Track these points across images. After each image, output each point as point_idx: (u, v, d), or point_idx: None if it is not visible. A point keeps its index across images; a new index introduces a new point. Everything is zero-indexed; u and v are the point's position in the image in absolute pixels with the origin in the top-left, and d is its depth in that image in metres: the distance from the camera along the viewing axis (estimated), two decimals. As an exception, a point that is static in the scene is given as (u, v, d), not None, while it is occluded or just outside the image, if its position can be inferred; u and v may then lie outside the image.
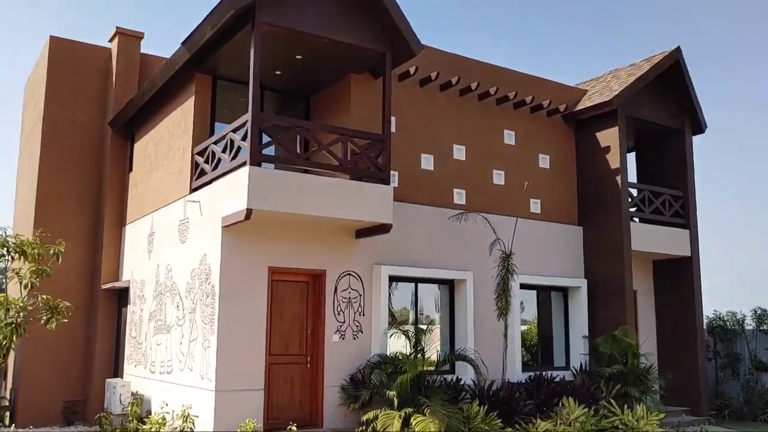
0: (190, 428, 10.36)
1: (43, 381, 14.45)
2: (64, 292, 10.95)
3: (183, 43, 11.56)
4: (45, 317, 8.61)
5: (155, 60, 16.15)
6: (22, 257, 8.64)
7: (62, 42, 15.85)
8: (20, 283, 8.60)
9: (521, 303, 14.56)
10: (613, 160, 14.97)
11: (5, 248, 8.55)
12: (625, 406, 12.83)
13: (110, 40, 16.30)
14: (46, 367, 14.52)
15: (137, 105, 14.20)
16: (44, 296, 8.64)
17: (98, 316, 14.98)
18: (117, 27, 15.93)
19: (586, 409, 12.37)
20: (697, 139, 16.62)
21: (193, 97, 12.25)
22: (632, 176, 16.56)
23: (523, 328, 14.89)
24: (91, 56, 16.06)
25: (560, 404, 12.50)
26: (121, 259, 15.36)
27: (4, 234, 8.62)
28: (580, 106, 15.54)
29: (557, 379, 13.34)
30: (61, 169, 15.36)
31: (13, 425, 9.38)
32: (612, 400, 12.97)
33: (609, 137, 15.12)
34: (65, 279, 14.00)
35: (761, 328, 17.22)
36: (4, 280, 28.70)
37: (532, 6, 40.45)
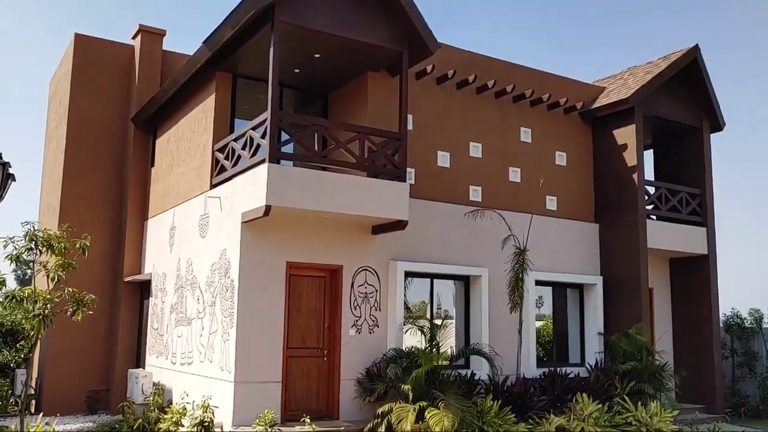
0: (210, 418, 10.62)
1: (67, 371, 14.87)
2: (87, 284, 11.25)
3: (204, 42, 11.80)
4: (71, 309, 8.89)
5: (177, 57, 16.46)
6: (49, 251, 8.91)
7: (86, 39, 16.21)
8: (47, 276, 8.88)
9: (540, 298, 14.71)
10: (630, 158, 15.01)
11: (33, 242, 8.83)
12: (639, 403, 12.90)
13: (133, 38, 16.62)
14: (70, 357, 14.93)
15: (159, 102, 14.49)
16: (71, 289, 8.92)
17: (121, 308, 15.35)
18: (140, 25, 16.25)
19: (600, 405, 12.47)
20: (715, 137, 16.61)
21: (214, 95, 12.49)
22: (649, 174, 16.59)
23: (539, 324, 15.01)
24: (115, 53, 16.41)
25: (574, 400, 12.60)
26: (143, 253, 15.70)
27: (33, 228, 8.90)
28: (597, 104, 15.58)
29: (571, 376, 13.45)
30: (85, 164, 15.74)
31: (41, 414, 9.69)
32: (626, 397, 13.06)
33: (626, 135, 15.15)
34: (89, 271, 14.31)
35: (778, 326, 17.19)
36: (30, 272, 29.29)
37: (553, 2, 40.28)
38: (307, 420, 10.16)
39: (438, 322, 12.86)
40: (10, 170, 8.37)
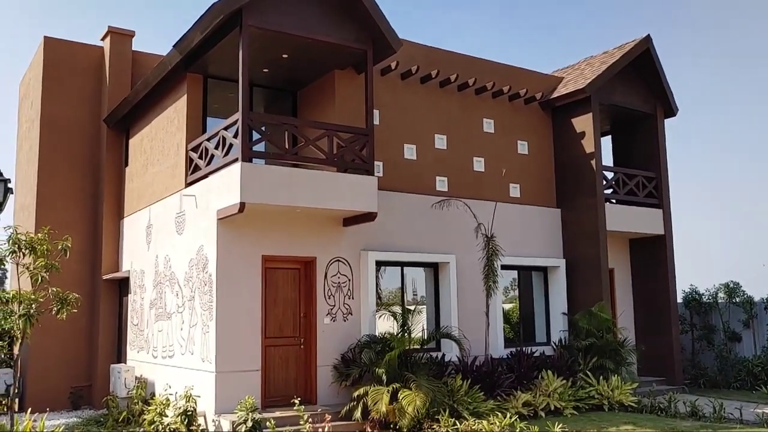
0: (193, 407, 11.08)
1: (49, 368, 15.19)
2: (67, 283, 11.56)
3: (174, 46, 12.17)
4: (56, 308, 9.27)
5: (147, 57, 16.73)
6: (31, 253, 9.27)
7: (56, 42, 16.39)
8: (31, 277, 9.24)
9: (513, 281, 15.50)
10: (588, 145, 15.69)
11: (16, 245, 9.18)
12: (601, 377, 13.66)
13: (102, 39, 16.84)
14: (51, 355, 15.24)
15: (131, 103, 14.80)
16: (54, 288, 9.29)
17: (100, 305, 15.70)
18: (109, 26, 16.48)
19: (564, 381, 13.21)
20: (669, 122, 17.37)
21: (186, 96, 12.87)
22: (607, 159, 17.30)
23: (508, 306, 15.68)
24: (84, 55, 16.62)
25: (540, 377, 13.32)
26: (121, 251, 16.04)
27: (15, 232, 9.24)
28: (555, 94, 16.22)
29: (537, 354, 14.13)
30: (59, 164, 15.99)
31: (29, 410, 10.06)
32: (588, 372, 13.81)
33: (584, 123, 15.83)
34: (68, 270, 14.57)
35: (733, 300, 18.05)
36: (5, 273, 29.25)
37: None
38: (296, 402, 10.56)
39: (412, 308, 13.44)
40: (9, 185, 8.80)
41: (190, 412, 11.02)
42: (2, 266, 10.10)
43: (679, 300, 17.84)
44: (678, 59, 37.48)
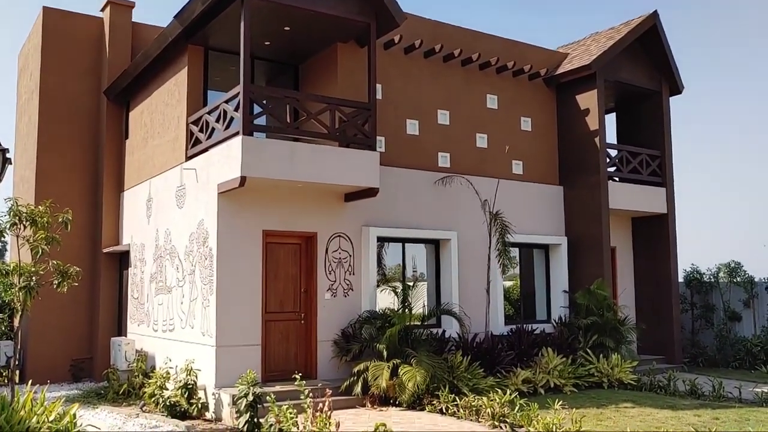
0: (194, 381, 11.11)
1: (50, 341, 15.24)
2: (67, 256, 11.50)
3: (175, 17, 12.00)
4: (57, 281, 9.23)
5: (147, 29, 16.55)
6: (32, 225, 9.20)
7: (55, 12, 16.21)
8: (31, 250, 9.18)
9: (513, 258, 15.39)
10: (593, 122, 15.56)
11: (17, 218, 9.11)
12: (601, 355, 13.68)
13: (102, 10, 16.64)
14: (52, 327, 15.28)
15: (132, 75, 14.65)
16: (55, 261, 9.24)
17: (101, 279, 15.70)
18: (108, -4, 16.27)
19: (564, 359, 13.22)
20: (674, 100, 17.23)
21: (186, 68, 12.72)
22: (611, 137, 17.19)
23: (508, 284, 15.66)
24: (84, 26, 16.44)
25: (540, 354, 13.33)
26: (121, 224, 15.99)
27: (16, 204, 9.17)
28: (560, 70, 16.04)
29: (537, 332, 14.14)
30: (59, 137, 15.89)
31: (29, 382, 10.04)
32: (588, 350, 13.83)
33: (588, 100, 15.68)
34: (68, 243, 14.50)
35: (734, 280, 18.03)
36: (5, 245, 29.26)
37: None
38: (297, 377, 10.53)
39: (413, 284, 13.42)
40: (8, 155, 8.68)
41: (190, 386, 11.04)
42: (2, 238, 10.04)
43: (680, 279, 17.82)
44: (683, 37, 37.13)
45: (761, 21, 35.81)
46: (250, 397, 9.39)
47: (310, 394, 8.63)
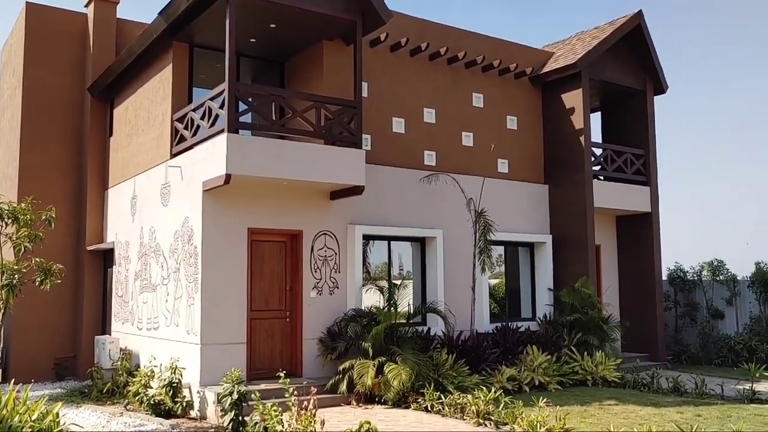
0: (179, 379, 11.06)
1: (33, 339, 15.10)
2: (51, 254, 11.43)
3: (160, 14, 11.93)
4: (39, 279, 9.18)
5: (132, 25, 16.44)
6: (14, 223, 9.14)
7: (38, 8, 16.05)
8: (14, 247, 9.12)
9: (499, 256, 15.50)
10: (578, 121, 15.63)
11: (-1, 215, 9.07)
12: (585, 353, 13.76)
13: (86, 6, 16.51)
14: (35, 326, 15.15)
15: (116, 71, 14.55)
16: (38, 259, 9.19)
17: (84, 277, 15.59)
18: (93, -7, 16.14)
19: (549, 356, 13.29)
20: (659, 99, 17.34)
21: (171, 65, 12.66)
22: (596, 136, 17.29)
23: (494, 282, 15.71)
24: (68, 22, 16.31)
25: (525, 352, 13.39)
26: (105, 222, 15.88)
27: (-2, 201, 9.12)
28: (546, 69, 16.11)
29: (522, 329, 14.20)
30: (42, 134, 15.76)
31: (12, 381, 9.96)
32: (573, 348, 13.91)
33: (573, 98, 15.75)
34: (52, 241, 14.41)
35: (717, 278, 18.19)
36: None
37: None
38: (282, 375, 10.53)
39: (399, 282, 13.44)
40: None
41: (175, 384, 10.99)
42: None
43: (664, 277, 17.96)
44: (668, 35, 37.39)
45: (743, 22, 36.12)
46: (235, 396, 9.36)
47: (295, 392, 8.64)
